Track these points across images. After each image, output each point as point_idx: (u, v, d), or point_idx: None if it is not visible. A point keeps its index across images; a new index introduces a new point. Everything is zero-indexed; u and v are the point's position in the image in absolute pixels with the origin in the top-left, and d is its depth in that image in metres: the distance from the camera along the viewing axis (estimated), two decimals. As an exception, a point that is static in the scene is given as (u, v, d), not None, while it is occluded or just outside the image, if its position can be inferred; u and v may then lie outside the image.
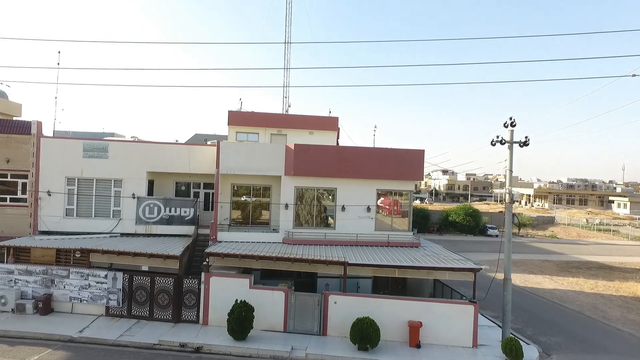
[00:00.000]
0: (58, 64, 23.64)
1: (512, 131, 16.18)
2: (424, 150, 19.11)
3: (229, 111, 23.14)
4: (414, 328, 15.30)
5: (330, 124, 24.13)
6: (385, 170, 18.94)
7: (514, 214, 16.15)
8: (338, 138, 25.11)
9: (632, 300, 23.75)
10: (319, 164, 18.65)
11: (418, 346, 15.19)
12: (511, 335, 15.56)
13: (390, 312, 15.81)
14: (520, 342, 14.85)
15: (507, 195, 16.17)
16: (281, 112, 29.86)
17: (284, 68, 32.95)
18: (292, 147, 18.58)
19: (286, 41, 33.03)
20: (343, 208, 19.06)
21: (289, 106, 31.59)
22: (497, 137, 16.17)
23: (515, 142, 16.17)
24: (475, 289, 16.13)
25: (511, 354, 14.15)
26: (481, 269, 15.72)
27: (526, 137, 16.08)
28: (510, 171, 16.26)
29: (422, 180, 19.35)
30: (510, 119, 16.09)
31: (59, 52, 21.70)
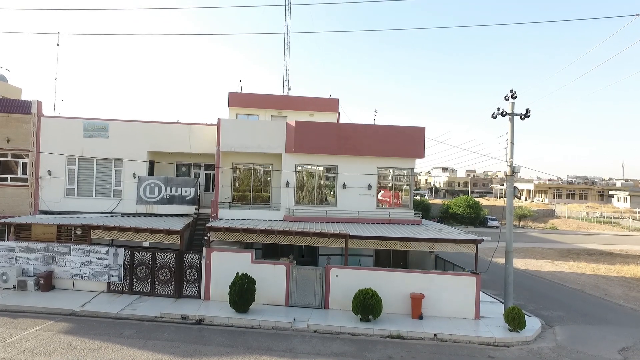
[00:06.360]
0: (57, 44, 23.64)
1: (513, 103, 16.16)
2: (424, 128, 19.12)
3: (229, 92, 23.13)
4: (416, 300, 15.28)
5: (330, 105, 24.12)
6: (386, 147, 18.91)
7: (515, 187, 16.12)
8: (338, 120, 25.06)
9: (634, 281, 23.75)
10: (319, 141, 18.62)
11: (420, 317, 15.16)
12: (513, 304, 15.53)
13: (393, 285, 15.77)
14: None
15: (508, 167, 16.15)
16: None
17: (284, 44, 33.00)
18: (293, 124, 18.55)
19: (286, 21, 33.08)
20: (344, 186, 19.04)
21: (289, 90, 31.63)
22: (498, 109, 16.19)
23: (517, 114, 16.15)
24: (477, 261, 16.10)
25: (513, 322, 14.12)
26: (483, 240, 15.70)
27: (527, 109, 16.09)
28: (512, 143, 16.24)
29: (423, 157, 19.28)
30: (511, 91, 16.05)
31: (58, 33, 21.72)
